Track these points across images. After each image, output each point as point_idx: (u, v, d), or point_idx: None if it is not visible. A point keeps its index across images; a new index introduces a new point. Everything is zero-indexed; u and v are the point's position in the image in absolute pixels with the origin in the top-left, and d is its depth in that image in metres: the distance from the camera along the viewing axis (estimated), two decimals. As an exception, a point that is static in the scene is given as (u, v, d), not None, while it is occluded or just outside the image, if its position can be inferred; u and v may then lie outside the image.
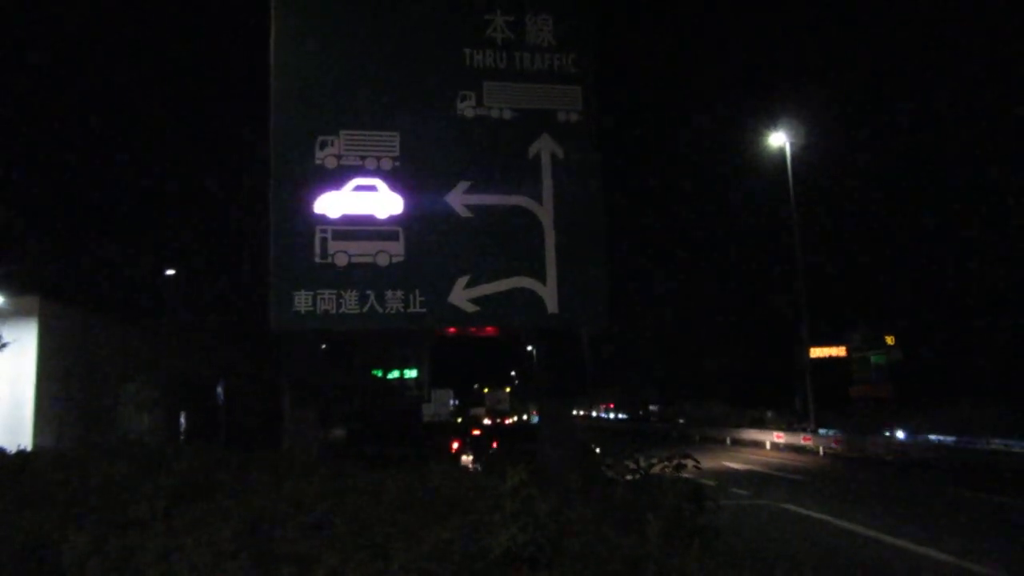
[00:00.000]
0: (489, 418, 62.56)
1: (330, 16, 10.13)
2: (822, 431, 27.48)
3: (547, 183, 10.07)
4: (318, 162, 9.51)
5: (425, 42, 10.19)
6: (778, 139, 30.33)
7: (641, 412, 55.99)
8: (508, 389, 73.85)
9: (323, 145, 9.56)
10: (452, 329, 10.44)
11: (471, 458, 15.37)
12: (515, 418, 62.48)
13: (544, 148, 10.14)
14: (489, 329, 10.72)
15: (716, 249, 45.79)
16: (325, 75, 9.89)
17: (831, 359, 32.00)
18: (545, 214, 9.99)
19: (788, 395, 32.79)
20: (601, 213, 10.41)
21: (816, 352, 30.65)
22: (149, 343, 20.80)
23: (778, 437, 29.78)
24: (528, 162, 10.09)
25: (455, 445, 18.12)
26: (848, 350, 31.67)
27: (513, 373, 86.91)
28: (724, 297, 43.08)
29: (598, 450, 10.07)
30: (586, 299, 10.05)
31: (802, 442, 27.57)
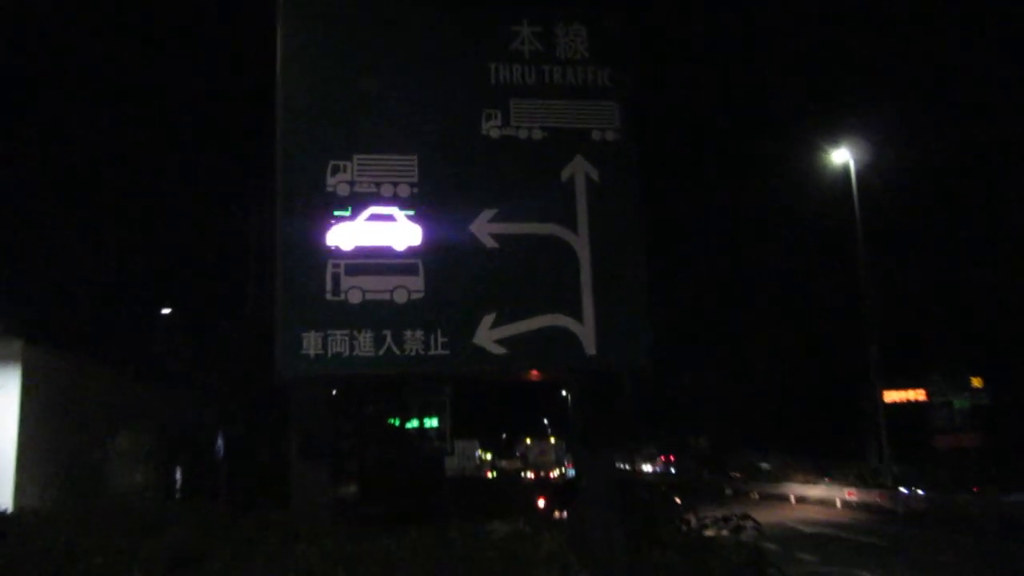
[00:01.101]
0: (532, 472, 62.30)
1: (341, 31, 10.24)
2: (900, 487, 26.93)
3: (582, 209, 10.03)
4: (329, 189, 9.58)
5: (445, 57, 10.27)
6: (841, 156, 30.19)
7: (704, 467, 54.85)
8: (552, 439, 73.43)
9: (335, 171, 9.63)
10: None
11: (564, 513, 15.88)
12: (557, 471, 62.18)
13: (578, 171, 10.13)
14: (534, 373, 10.61)
15: (772, 280, 45.39)
16: (336, 94, 9.99)
17: (908, 404, 31.50)
18: (580, 244, 9.95)
19: (860, 446, 32.25)
20: (642, 242, 10.34)
21: (891, 396, 30.18)
22: (142, 391, 21.02)
23: (849, 494, 29.25)
24: (560, 186, 10.08)
25: (541, 502, 21.10)
26: (928, 393, 31.14)
27: (546, 421, 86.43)
28: (783, 335, 42.60)
29: (678, 501, 9.83)
30: (628, 338, 9.94)
31: (877, 500, 27.02)
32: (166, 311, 29.40)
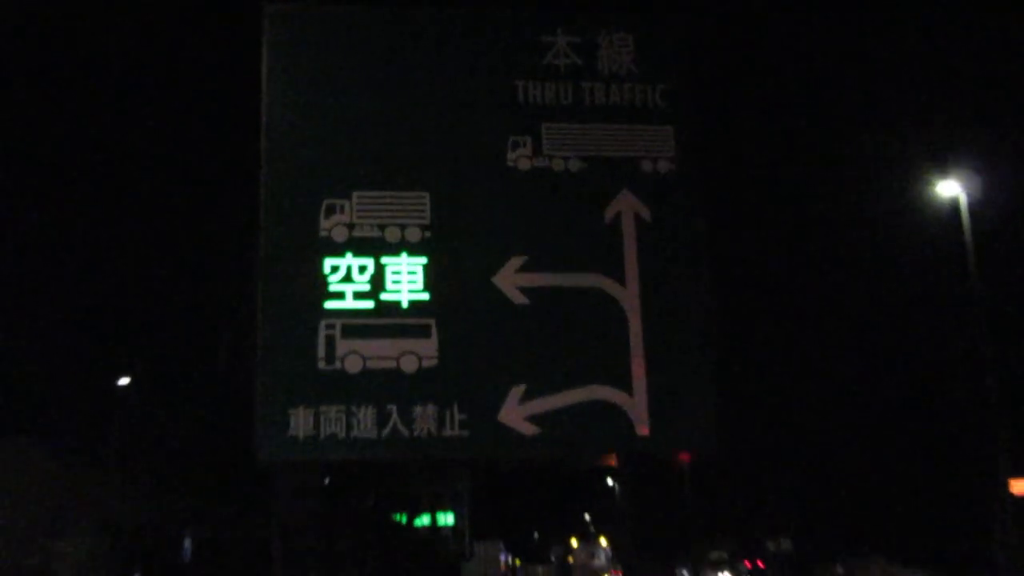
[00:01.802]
0: None
1: (339, 43, 10.37)
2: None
3: (630, 256, 10.05)
4: (323, 233, 9.68)
5: (463, 74, 10.37)
6: (948, 188, 30.02)
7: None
8: (604, 541, 72.93)
9: (330, 211, 9.72)
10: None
11: None
12: None
13: (625, 209, 10.16)
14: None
15: (865, 342, 44.94)
16: (333, 120, 10.12)
17: (1042, 497, 30.91)
18: (629, 298, 9.95)
19: (981, 547, 31.59)
20: (705, 295, 10.32)
21: (1020, 487, 29.60)
22: (92, 481, 21.06)
23: (971, 610, 28.61)
24: (604, 228, 10.11)
25: None
26: (1066, 485, 30.58)
27: (588, 518, 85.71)
28: (881, 411, 42.09)
29: None
30: (687, 415, 9.90)
31: (1006, 618, 26.40)
32: (123, 381, 29.59)
